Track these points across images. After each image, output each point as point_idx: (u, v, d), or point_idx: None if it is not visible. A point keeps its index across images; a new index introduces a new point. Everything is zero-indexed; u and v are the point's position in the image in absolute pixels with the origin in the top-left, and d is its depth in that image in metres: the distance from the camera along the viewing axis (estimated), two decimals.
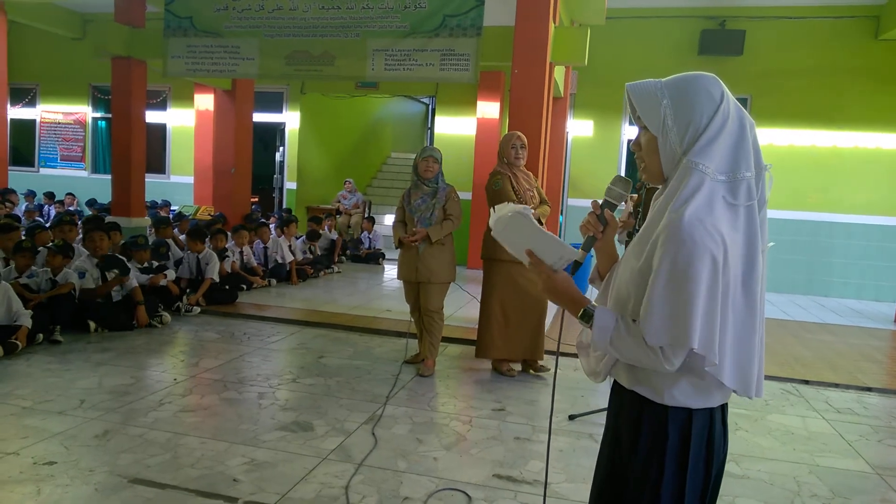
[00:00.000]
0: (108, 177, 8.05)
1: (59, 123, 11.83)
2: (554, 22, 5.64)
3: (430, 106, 13.87)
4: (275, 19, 6.36)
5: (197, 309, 5.78)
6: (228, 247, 6.84)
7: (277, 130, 11.35)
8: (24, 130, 11.86)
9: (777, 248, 8.73)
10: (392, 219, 4.59)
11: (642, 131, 1.37)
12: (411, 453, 3.09)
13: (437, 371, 4.44)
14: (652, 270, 1.25)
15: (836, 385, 4.62)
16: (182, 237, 7.37)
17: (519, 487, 2.80)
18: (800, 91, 8.59)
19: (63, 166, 11.90)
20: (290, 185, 11.17)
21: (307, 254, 8.32)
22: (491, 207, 4.22)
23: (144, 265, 5.75)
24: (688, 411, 1.32)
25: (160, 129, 11.23)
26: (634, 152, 1.42)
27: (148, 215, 8.09)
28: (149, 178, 8.15)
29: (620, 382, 1.41)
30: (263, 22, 6.40)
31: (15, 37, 10.04)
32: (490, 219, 1.55)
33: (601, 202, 1.49)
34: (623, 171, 9.23)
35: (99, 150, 11.80)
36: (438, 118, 10.32)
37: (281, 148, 11.29)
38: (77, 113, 11.71)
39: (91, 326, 4.90)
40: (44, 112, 11.88)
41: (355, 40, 6.15)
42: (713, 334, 1.23)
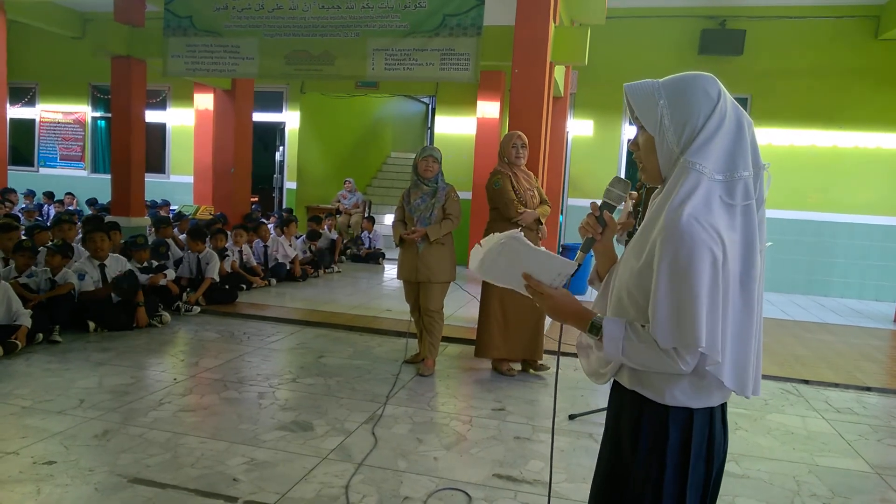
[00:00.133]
0: (108, 176, 8.05)
1: (59, 123, 11.82)
2: (554, 22, 5.63)
3: (430, 105, 13.86)
4: (274, 19, 6.36)
5: (197, 308, 5.78)
6: (228, 246, 6.84)
7: (277, 130, 11.35)
8: (24, 130, 11.86)
9: (777, 248, 8.73)
10: (392, 218, 4.59)
11: (640, 131, 1.38)
12: (411, 453, 3.09)
13: (437, 371, 4.44)
14: (653, 271, 1.25)
15: (836, 385, 4.62)
16: (182, 237, 7.37)
17: (519, 487, 2.80)
18: (800, 91, 8.59)
19: (62, 166, 11.90)
20: (290, 185, 11.16)
21: (307, 253, 8.32)
22: (493, 208, 4.28)
23: (144, 265, 5.75)
24: (689, 411, 1.32)
25: (160, 129, 11.23)
26: (633, 152, 1.43)
27: (148, 215, 8.09)
28: (148, 178, 8.15)
29: (621, 383, 1.41)
30: (263, 21, 6.40)
31: (14, 36, 10.03)
32: (472, 259, 1.49)
33: (600, 203, 1.49)
34: (623, 171, 9.23)
35: (98, 150, 11.80)
36: (438, 118, 10.32)
37: (281, 147, 11.29)
38: (76, 112, 11.70)
39: (90, 326, 4.90)
40: (43, 111, 11.87)
41: (355, 40, 6.15)
42: (716, 333, 1.23)
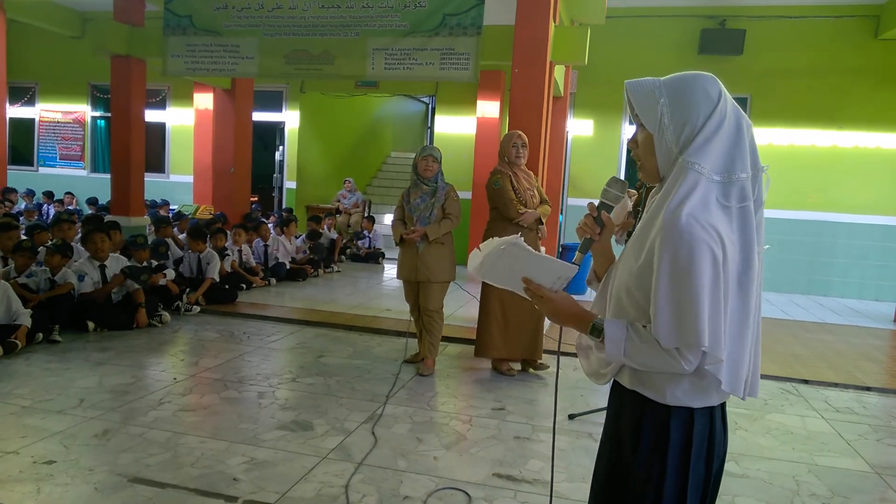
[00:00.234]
0: (108, 176, 8.04)
1: (59, 122, 11.81)
2: (554, 21, 5.63)
3: (430, 105, 13.87)
4: (274, 18, 6.35)
5: (196, 308, 5.78)
6: (227, 246, 6.84)
7: (277, 129, 11.35)
8: (23, 129, 11.85)
9: (777, 248, 8.73)
10: (391, 218, 4.59)
11: (640, 129, 1.37)
12: (411, 452, 3.09)
13: (437, 370, 4.44)
14: (653, 271, 1.25)
15: (836, 384, 4.62)
16: (182, 236, 7.37)
17: (519, 486, 2.80)
18: (800, 90, 8.59)
19: (62, 165, 11.89)
20: (290, 185, 11.16)
21: (306, 252, 8.32)
22: (493, 208, 4.27)
23: (143, 264, 5.75)
24: (689, 411, 1.32)
25: (159, 129, 11.22)
26: (631, 150, 1.42)
27: (147, 214, 8.09)
28: (148, 178, 8.14)
29: (621, 383, 1.40)
30: (263, 21, 6.39)
31: (14, 35, 10.02)
32: (471, 261, 1.50)
33: (597, 203, 1.49)
34: (623, 171, 9.23)
35: (98, 149, 11.79)
36: (438, 117, 10.32)
37: (280, 147, 11.28)
38: (76, 112, 11.70)
39: (90, 326, 4.90)
40: (43, 111, 11.86)
41: (355, 39, 6.15)
42: (719, 331, 1.22)
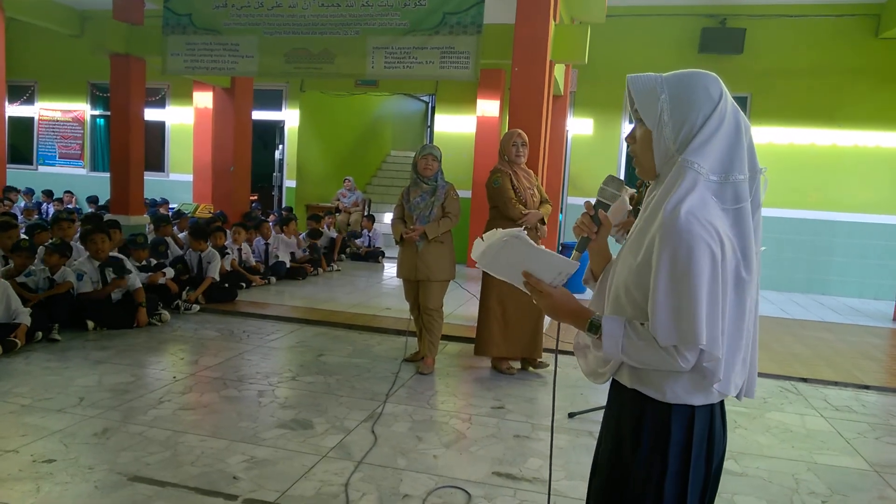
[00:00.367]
0: (107, 175, 8.03)
1: (58, 121, 11.80)
2: (554, 20, 5.63)
3: (430, 104, 13.87)
4: (274, 17, 6.35)
5: (196, 307, 5.78)
6: (227, 244, 6.84)
7: (277, 128, 11.34)
8: (23, 128, 11.84)
9: (777, 247, 8.74)
10: (391, 216, 4.59)
11: (638, 124, 1.37)
12: (411, 451, 3.09)
13: (437, 369, 4.45)
14: (651, 269, 1.25)
15: (835, 383, 4.63)
16: (181, 235, 7.37)
17: (518, 485, 2.81)
18: (800, 89, 8.59)
19: (61, 164, 11.88)
20: (290, 184, 11.16)
21: (306, 251, 8.32)
22: (493, 206, 4.27)
23: (143, 263, 5.75)
24: (690, 408, 1.32)
25: (159, 127, 11.21)
26: (629, 145, 1.42)
27: (147, 213, 8.08)
28: (148, 176, 8.13)
29: (621, 381, 1.40)
30: (263, 19, 6.38)
31: (13, 34, 10.01)
32: (475, 248, 1.50)
33: (594, 202, 1.49)
34: (623, 169, 9.23)
35: (97, 148, 11.78)
36: (438, 116, 10.31)
37: (280, 146, 11.28)
38: (75, 110, 11.69)
39: (89, 325, 4.90)
40: (42, 110, 11.85)
41: (355, 38, 6.14)
42: (716, 330, 1.22)
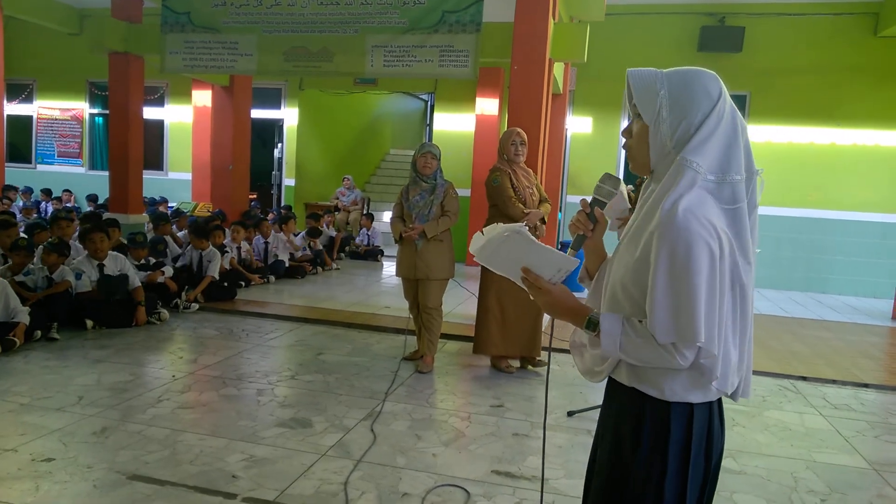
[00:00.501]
0: (106, 173, 8.03)
1: (57, 119, 11.79)
2: (553, 18, 5.63)
3: (429, 102, 13.84)
4: (273, 15, 6.34)
5: (195, 306, 5.78)
6: (226, 243, 6.84)
7: (276, 127, 11.33)
8: (21, 126, 11.82)
9: (776, 245, 8.75)
10: (390, 215, 4.58)
11: (636, 119, 1.36)
12: (410, 449, 3.09)
13: (436, 368, 4.45)
14: (649, 266, 1.25)
15: (834, 381, 4.63)
16: (180, 234, 7.37)
17: (517, 483, 2.81)
18: (799, 88, 8.59)
19: (60, 163, 11.86)
20: (289, 182, 11.15)
21: (306, 250, 8.32)
22: (492, 205, 4.27)
23: (141, 262, 5.74)
24: (689, 406, 1.31)
25: (158, 126, 11.20)
26: (625, 139, 1.41)
27: (147, 212, 8.08)
28: (146, 175, 8.13)
29: (619, 380, 1.39)
30: (261, 18, 6.37)
31: (12, 32, 9.98)
32: (474, 242, 1.49)
33: (590, 200, 1.48)
34: (622, 168, 9.23)
35: (96, 147, 11.76)
36: (437, 114, 10.31)
37: (279, 144, 11.27)
38: (74, 109, 11.67)
39: (88, 324, 4.90)
40: (41, 108, 11.83)
41: (354, 36, 6.13)
42: (713, 327, 1.22)
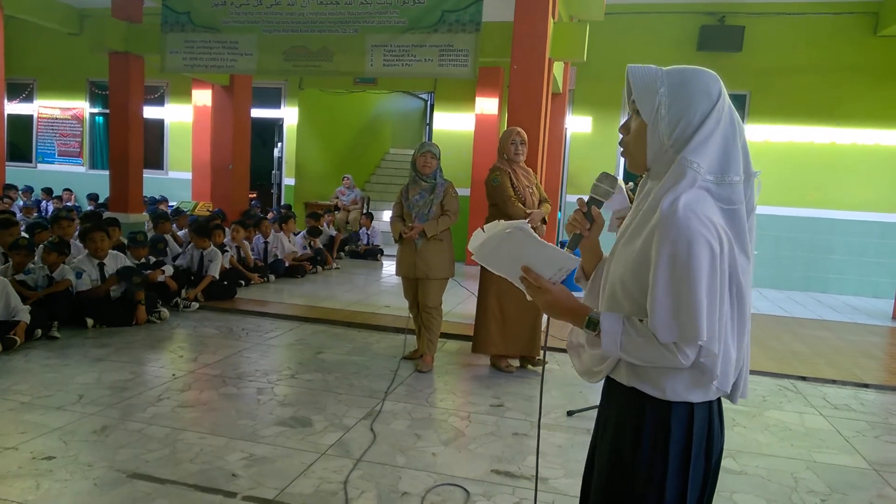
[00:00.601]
0: (106, 172, 8.03)
1: (57, 119, 11.79)
2: (553, 18, 5.62)
3: (429, 102, 13.86)
4: (273, 14, 6.34)
5: (195, 305, 5.78)
6: (226, 242, 6.84)
7: (276, 126, 11.33)
8: (22, 126, 11.82)
9: (775, 245, 8.75)
10: (390, 214, 4.58)
11: (634, 116, 1.36)
12: (410, 449, 3.10)
13: (436, 367, 4.45)
14: (649, 264, 1.24)
15: (834, 381, 4.63)
16: (181, 233, 7.37)
17: (517, 483, 2.81)
18: (799, 87, 8.59)
19: (61, 162, 11.87)
20: (289, 181, 11.15)
21: (306, 249, 8.32)
22: (492, 204, 4.27)
23: (142, 261, 5.75)
24: (690, 406, 1.31)
25: (158, 125, 11.20)
26: (622, 135, 1.40)
27: (147, 211, 8.08)
28: (147, 174, 8.13)
29: (618, 379, 1.38)
30: (261, 17, 6.38)
31: (12, 32, 9.98)
32: (473, 240, 1.46)
33: (587, 199, 1.47)
34: (621, 167, 9.22)
35: (97, 146, 11.77)
36: (437, 114, 10.31)
37: (279, 144, 11.27)
38: (74, 108, 11.68)
39: (88, 323, 4.90)
40: (41, 107, 11.84)
41: (354, 36, 6.13)
42: (714, 326, 1.22)
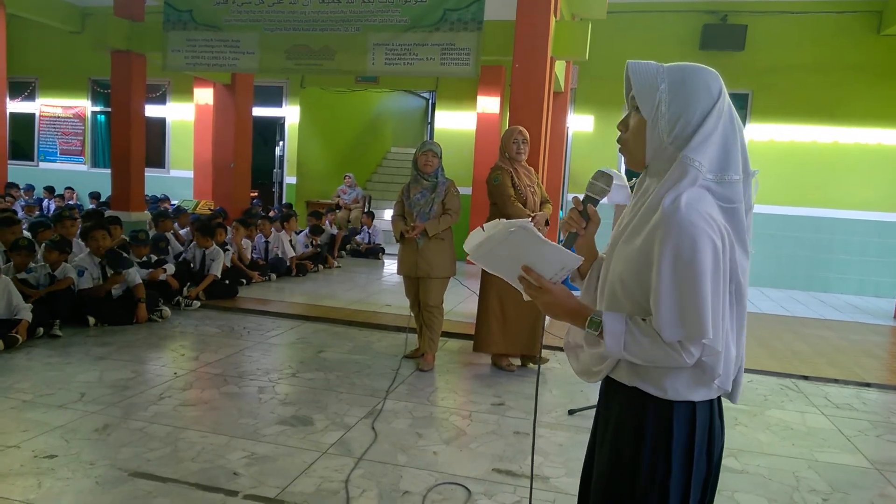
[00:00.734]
0: (108, 171, 8.03)
1: (59, 117, 11.80)
2: (555, 16, 5.62)
3: (431, 100, 13.85)
4: (275, 13, 6.34)
5: (197, 303, 5.78)
6: (227, 241, 6.84)
7: (277, 125, 11.33)
8: (24, 124, 11.84)
9: (777, 244, 8.74)
10: (391, 213, 4.58)
11: (633, 112, 1.34)
12: (411, 447, 3.10)
13: (437, 366, 4.45)
14: (651, 263, 1.24)
15: (836, 381, 4.62)
16: (182, 231, 7.37)
17: (518, 481, 2.81)
18: (801, 86, 8.57)
19: (62, 160, 11.88)
20: (290, 180, 11.16)
21: (308, 248, 8.31)
22: (493, 203, 4.26)
23: (143, 259, 5.75)
24: (691, 405, 1.30)
25: (160, 124, 11.21)
26: (620, 132, 1.38)
27: (148, 209, 8.08)
28: (148, 173, 8.12)
29: (618, 379, 1.37)
30: (263, 16, 6.37)
31: (14, 30, 10.00)
32: (470, 238, 1.42)
33: (582, 197, 1.45)
34: (623, 166, 9.21)
35: (98, 145, 11.78)
36: (438, 113, 10.30)
37: (281, 142, 11.27)
38: (76, 107, 11.69)
39: (90, 321, 4.91)
40: (43, 106, 11.85)
41: (355, 34, 6.13)
42: (718, 323, 1.22)
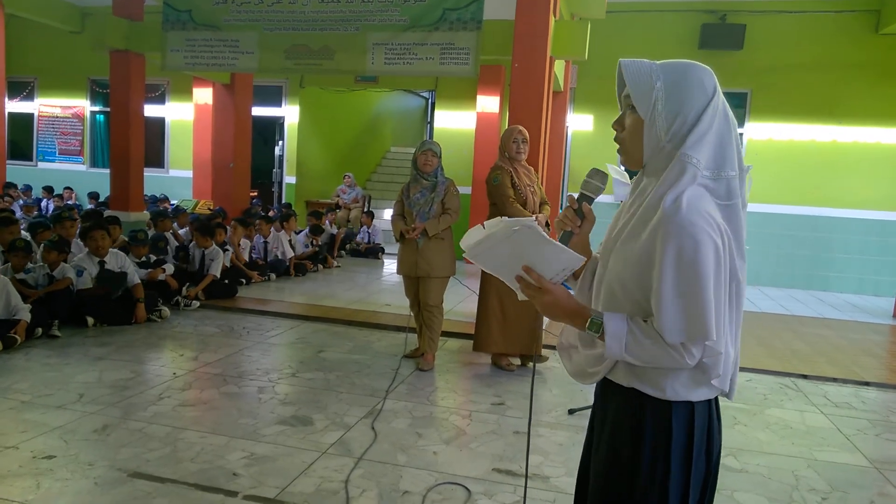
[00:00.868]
0: (107, 171, 8.03)
1: (58, 117, 11.79)
2: (554, 16, 5.61)
3: (430, 100, 13.85)
4: (274, 13, 6.33)
5: (196, 303, 5.78)
6: (226, 240, 6.84)
7: (276, 124, 11.32)
8: (22, 124, 11.82)
9: (776, 243, 8.74)
10: (391, 212, 4.58)
11: (629, 111, 1.33)
12: (411, 447, 3.10)
13: (437, 365, 4.45)
14: (652, 263, 1.23)
15: (835, 379, 4.63)
16: (182, 231, 7.37)
17: (518, 481, 2.81)
18: (800, 86, 8.57)
19: (61, 160, 11.87)
20: (290, 180, 11.15)
21: (308, 248, 8.31)
22: (492, 203, 4.26)
23: (142, 259, 5.75)
24: (690, 405, 1.30)
25: (159, 123, 11.20)
26: (616, 131, 1.37)
27: (147, 209, 8.08)
28: (147, 173, 8.12)
29: (615, 380, 1.36)
30: (263, 15, 6.37)
31: (13, 30, 9.98)
32: (468, 236, 1.39)
33: (577, 196, 1.43)
34: (622, 165, 9.21)
35: (97, 144, 11.77)
36: (438, 112, 10.30)
37: (280, 142, 11.27)
38: (75, 107, 11.67)
39: (89, 321, 4.90)
40: (42, 106, 11.84)
41: (355, 34, 6.13)
42: (720, 324, 1.21)
